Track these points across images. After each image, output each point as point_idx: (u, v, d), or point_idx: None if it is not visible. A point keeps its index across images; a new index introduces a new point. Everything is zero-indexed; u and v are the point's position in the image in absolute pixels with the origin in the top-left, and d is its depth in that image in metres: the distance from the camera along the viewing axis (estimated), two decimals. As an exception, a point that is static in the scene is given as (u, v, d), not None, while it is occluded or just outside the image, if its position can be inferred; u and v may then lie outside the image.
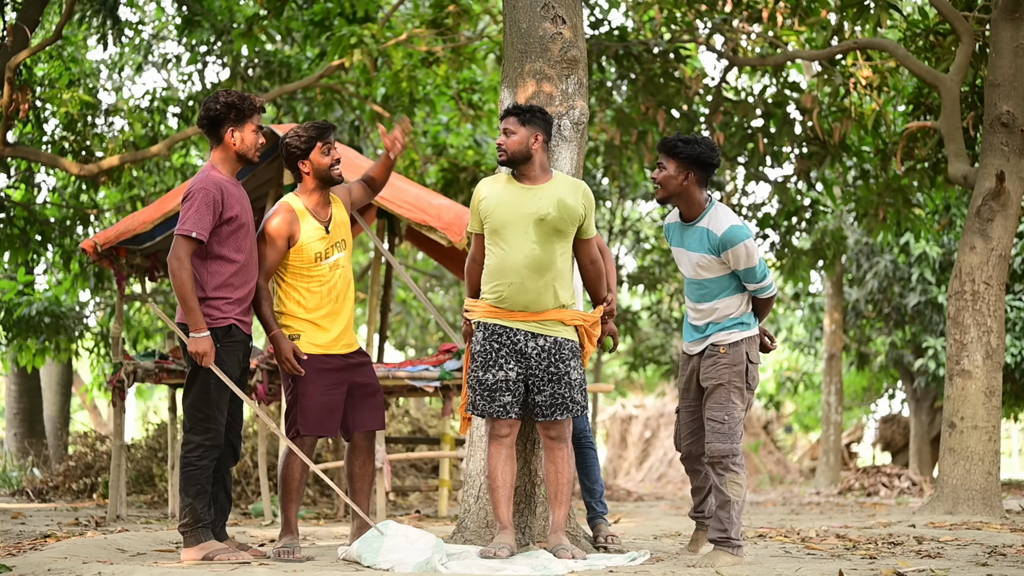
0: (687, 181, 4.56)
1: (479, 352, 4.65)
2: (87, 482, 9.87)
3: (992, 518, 7.02)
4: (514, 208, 4.60)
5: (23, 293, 11.26)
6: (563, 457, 4.65)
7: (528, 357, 4.60)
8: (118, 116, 11.85)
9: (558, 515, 4.67)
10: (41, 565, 4.18)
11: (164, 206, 7.30)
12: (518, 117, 4.67)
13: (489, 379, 4.61)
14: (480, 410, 4.64)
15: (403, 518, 7.65)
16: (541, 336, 4.62)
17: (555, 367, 4.60)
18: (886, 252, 14.33)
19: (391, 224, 8.30)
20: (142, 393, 24.32)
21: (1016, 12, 7.64)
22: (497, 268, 4.61)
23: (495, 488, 4.63)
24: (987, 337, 7.50)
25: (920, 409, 15.78)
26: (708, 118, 11.05)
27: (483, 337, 4.65)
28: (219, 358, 4.54)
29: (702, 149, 4.54)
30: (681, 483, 21.23)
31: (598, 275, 4.79)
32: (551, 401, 4.60)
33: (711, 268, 4.56)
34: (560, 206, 4.58)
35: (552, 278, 4.59)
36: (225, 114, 4.64)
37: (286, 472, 4.74)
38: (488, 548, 4.51)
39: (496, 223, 4.62)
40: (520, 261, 4.57)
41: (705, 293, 4.60)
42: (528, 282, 4.57)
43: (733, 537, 4.47)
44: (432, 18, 10.88)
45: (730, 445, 4.48)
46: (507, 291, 4.59)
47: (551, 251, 4.59)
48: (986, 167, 7.63)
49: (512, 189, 4.66)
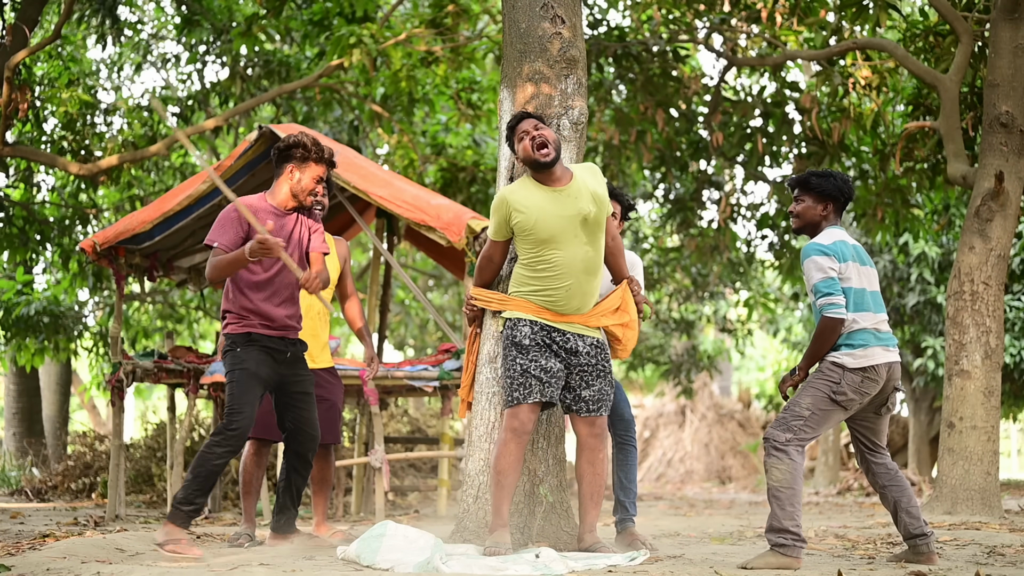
0: (826, 211, 4.61)
1: (531, 345, 4.59)
2: (86, 482, 9.86)
3: (991, 518, 7.02)
4: (557, 214, 4.57)
5: (22, 292, 11.26)
6: (602, 458, 4.71)
7: (578, 354, 4.64)
8: (117, 115, 11.85)
9: (593, 516, 4.72)
10: (40, 565, 4.17)
11: (163, 206, 7.30)
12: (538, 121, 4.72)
13: (552, 366, 4.58)
14: (547, 396, 4.57)
15: (402, 518, 7.65)
16: (587, 336, 4.69)
17: (603, 364, 4.67)
18: (885, 252, 14.33)
19: (390, 224, 8.29)
20: (141, 393, 24.32)
21: (1015, 12, 7.64)
22: (553, 274, 4.58)
23: (503, 485, 4.57)
24: (986, 337, 7.49)
25: (919, 409, 15.78)
26: (707, 118, 11.05)
27: (531, 331, 4.61)
28: (240, 358, 4.76)
29: (838, 183, 4.61)
30: (680, 483, 21.25)
31: (619, 250, 4.86)
32: (598, 396, 4.66)
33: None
34: (595, 199, 4.62)
35: (600, 277, 4.68)
36: (293, 152, 4.88)
37: (241, 469, 5.55)
38: (489, 546, 4.50)
39: (545, 233, 4.56)
40: (578, 266, 4.58)
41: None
42: (584, 284, 4.61)
43: (781, 529, 4.32)
44: (431, 18, 10.88)
45: (779, 432, 4.41)
46: (564, 295, 4.59)
47: (599, 248, 4.66)
48: (985, 167, 7.63)
49: (545, 195, 4.61)
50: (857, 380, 4.41)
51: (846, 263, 4.47)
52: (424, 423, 12.48)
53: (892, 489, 4.57)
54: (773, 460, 4.39)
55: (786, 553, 4.31)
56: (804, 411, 4.42)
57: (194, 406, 7.48)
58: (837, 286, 4.42)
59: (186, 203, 7.25)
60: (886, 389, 4.51)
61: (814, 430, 4.42)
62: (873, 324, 4.47)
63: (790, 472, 4.35)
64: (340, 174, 6.83)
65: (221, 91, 11.85)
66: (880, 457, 4.64)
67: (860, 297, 4.48)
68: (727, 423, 22.24)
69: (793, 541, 4.31)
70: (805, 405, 4.42)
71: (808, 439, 4.42)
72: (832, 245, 4.48)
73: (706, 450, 21.96)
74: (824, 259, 4.44)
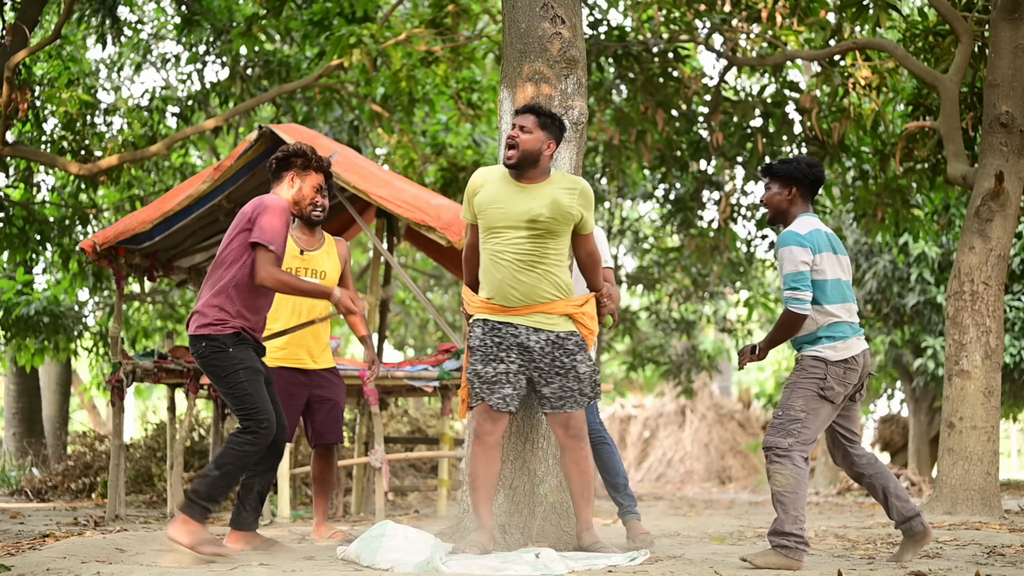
0: (791, 195, 4.63)
1: (478, 347, 4.63)
2: (86, 482, 9.86)
3: (991, 518, 7.02)
4: (507, 207, 4.57)
5: (22, 292, 11.26)
6: (584, 456, 4.66)
7: (531, 351, 4.59)
8: (117, 115, 11.85)
9: (587, 514, 4.71)
10: (40, 565, 4.17)
11: (163, 206, 7.30)
12: (538, 118, 4.61)
13: (489, 372, 4.60)
14: (484, 401, 4.60)
15: (402, 518, 7.65)
16: (543, 331, 4.60)
17: (561, 361, 4.59)
18: (885, 252, 14.32)
19: (390, 224, 8.29)
20: (141, 393, 24.32)
21: (1015, 12, 7.63)
22: (493, 264, 4.60)
23: (476, 488, 4.63)
24: (986, 337, 7.49)
25: (919, 409, 15.77)
26: (707, 118, 11.04)
27: (482, 332, 4.64)
28: (238, 357, 4.64)
29: (801, 165, 4.62)
30: (680, 483, 21.24)
31: (594, 266, 4.76)
32: (560, 394, 4.61)
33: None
34: (553, 207, 4.54)
35: (545, 271, 4.58)
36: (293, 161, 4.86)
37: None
38: (460, 544, 4.53)
39: (489, 221, 4.60)
40: (510, 256, 4.55)
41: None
42: (520, 275, 4.55)
43: (785, 532, 4.34)
44: (431, 18, 10.88)
45: (779, 439, 4.42)
46: (499, 288, 4.58)
47: (545, 251, 4.57)
48: (985, 167, 7.62)
49: (507, 187, 4.62)
50: (840, 372, 4.48)
51: (821, 254, 4.51)
52: (424, 423, 12.47)
53: (878, 476, 4.62)
54: (776, 466, 4.40)
55: (788, 555, 4.33)
56: (799, 413, 4.44)
57: (194, 406, 7.47)
58: (806, 281, 4.46)
59: (186, 203, 7.25)
60: (862, 376, 4.57)
61: (811, 430, 4.44)
62: (847, 317, 4.54)
63: (794, 477, 4.37)
64: (340, 174, 6.83)
65: (221, 91, 11.85)
66: (859, 447, 4.68)
67: (838, 288, 4.53)
68: (727, 423, 22.24)
69: (796, 544, 4.34)
70: (798, 407, 4.45)
71: (810, 440, 4.43)
72: (808, 235, 4.51)
73: (706, 450, 21.95)
74: (800, 250, 4.47)
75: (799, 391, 4.48)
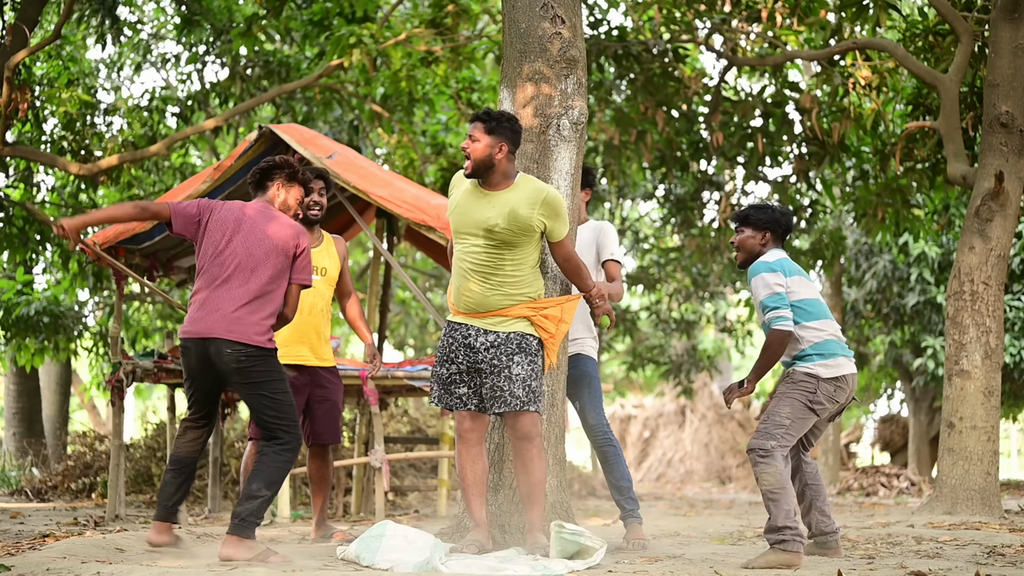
0: (764, 240, 4.78)
1: (439, 347, 4.72)
2: (86, 482, 9.86)
3: (991, 518, 7.02)
4: (468, 214, 4.59)
5: (22, 292, 11.25)
6: (531, 456, 4.60)
7: (476, 351, 4.60)
8: (117, 115, 11.84)
9: (532, 514, 4.64)
10: (40, 565, 4.17)
11: (163, 206, 7.29)
12: (484, 124, 4.57)
13: (443, 373, 4.66)
14: (441, 402, 4.68)
15: (402, 518, 7.66)
16: (492, 332, 4.59)
17: (497, 360, 4.55)
18: (885, 252, 14.33)
19: (390, 224, 8.29)
20: (141, 393, 24.33)
21: (1015, 12, 7.64)
22: (454, 268, 4.67)
23: (466, 486, 4.66)
24: (986, 337, 7.49)
25: (919, 409, 15.78)
26: (707, 118, 11.04)
27: (444, 333, 4.72)
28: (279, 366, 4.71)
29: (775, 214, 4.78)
30: (679, 483, 21.25)
31: (575, 270, 4.73)
32: (490, 394, 4.57)
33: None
34: (509, 217, 4.50)
35: (500, 282, 4.56)
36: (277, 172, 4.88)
37: (243, 469, 5.77)
38: (457, 545, 4.53)
39: (454, 225, 4.67)
40: (467, 264, 4.58)
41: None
42: (473, 284, 4.57)
43: (779, 527, 4.41)
44: (431, 18, 10.88)
45: (763, 441, 4.53)
46: (455, 293, 4.65)
47: (499, 258, 4.55)
48: (985, 167, 7.62)
49: (472, 193, 4.64)
50: (831, 389, 4.62)
51: (792, 277, 4.67)
52: (424, 423, 12.47)
53: (812, 488, 4.83)
54: (761, 467, 4.52)
55: (786, 548, 4.40)
56: (784, 420, 4.57)
57: (194, 406, 7.47)
58: (784, 300, 4.60)
59: (186, 203, 7.24)
60: (848, 398, 4.72)
61: (794, 436, 4.60)
62: (833, 332, 4.68)
63: (779, 473, 4.49)
64: (340, 174, 6.83)
65: (221, 91, 11.85)
66: (808, 457, 4.89)
67: (815, 306, 4.69)
68: (727, 423, 22.24)
69: (792, 536, 4.42)
70: (785, 415, 4.58)
71: (790, 444, 4.59)
72: (777, 262, 4.68)
73: (706, 450, 21.96)
74: (771, 275, 4.62)
75: (788, 400, 4.61)
